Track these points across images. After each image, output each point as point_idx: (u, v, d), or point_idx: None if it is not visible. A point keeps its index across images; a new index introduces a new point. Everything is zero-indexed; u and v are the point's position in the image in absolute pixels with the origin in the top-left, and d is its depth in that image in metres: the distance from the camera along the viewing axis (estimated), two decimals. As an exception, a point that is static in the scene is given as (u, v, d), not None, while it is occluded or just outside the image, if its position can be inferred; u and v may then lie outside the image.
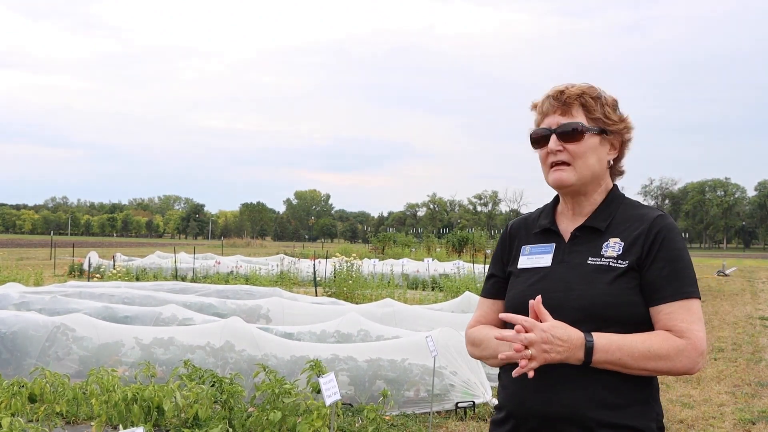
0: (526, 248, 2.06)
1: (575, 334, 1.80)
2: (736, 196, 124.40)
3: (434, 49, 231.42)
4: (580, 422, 1.81)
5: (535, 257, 2.02)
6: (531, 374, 1.76)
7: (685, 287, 1.85)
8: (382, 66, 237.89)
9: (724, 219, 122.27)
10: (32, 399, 5.03)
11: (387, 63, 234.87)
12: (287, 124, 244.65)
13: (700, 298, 1.89)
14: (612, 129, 1.98)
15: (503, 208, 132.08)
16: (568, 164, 1.96)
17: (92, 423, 5.41)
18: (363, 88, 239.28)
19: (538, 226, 2.07)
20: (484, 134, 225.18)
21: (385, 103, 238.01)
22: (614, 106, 2.01)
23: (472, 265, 21.94)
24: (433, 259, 24.61)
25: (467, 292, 11.47)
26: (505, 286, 2.08)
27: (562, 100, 1.98)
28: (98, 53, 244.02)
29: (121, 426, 5.28)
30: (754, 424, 6.36)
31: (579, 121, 1.96)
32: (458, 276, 19.08)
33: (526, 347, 1.75)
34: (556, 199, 2.10)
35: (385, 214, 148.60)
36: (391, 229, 74.61)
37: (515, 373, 1.78)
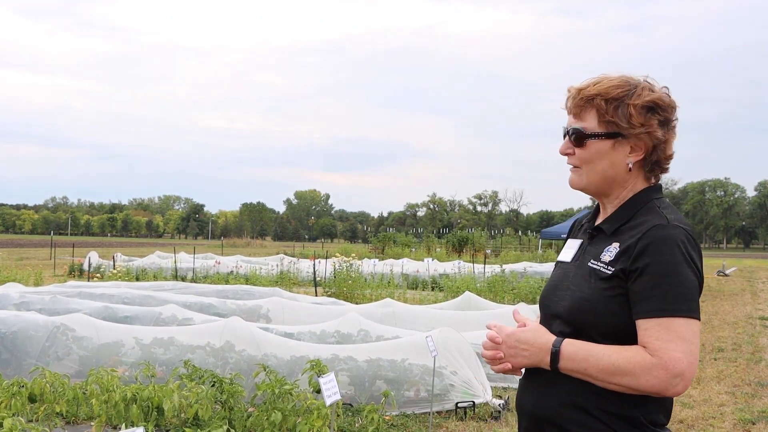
0: (568, 242, 2.09)
1: (543, 339, 1.84)
2: (736, 196, 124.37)
3: (434, 49, 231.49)
4: (559, 425, 1.83)
5: (566, 251, 2.04)
6: (509, 367, 1.90)
7: (666, 305, 1.73)
8: (382, 66, 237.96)
9: (724, 219, 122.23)
10: (32, 399, 5.04)
11: (387, 63, 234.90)
12: (287, 124, 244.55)
13: (692, 317, 1.74)
14: (630, 132, 1.86)
15: (503, 208, 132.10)
16: (578, 167, 1.95)
17: (92, 423, 5.42)
18: (363, 88, 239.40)
19: (584, 222, 2.10)
20: (484, 134, 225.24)
21: (385, 103, 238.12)
22: (646, 107, 1.86)
23: (472, 265, 21.95)
24: (433, 259, 24.61)
25: (467, 292, 11.47)
26: None
27: (575, 101, 1.93)
28: (98, 53, 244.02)
29: (121, 426, 5.28)
30: (754, 424, 6.36)
31: (586, 125, 1.90)
32: (458, 276, 19.09)
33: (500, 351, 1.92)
34: None
35: (385, 214, 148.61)
36: (391, 229, 74.64)
37: (493, 368, 1.95)
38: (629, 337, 1.79)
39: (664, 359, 1.71)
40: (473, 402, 6.33)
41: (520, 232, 73.51)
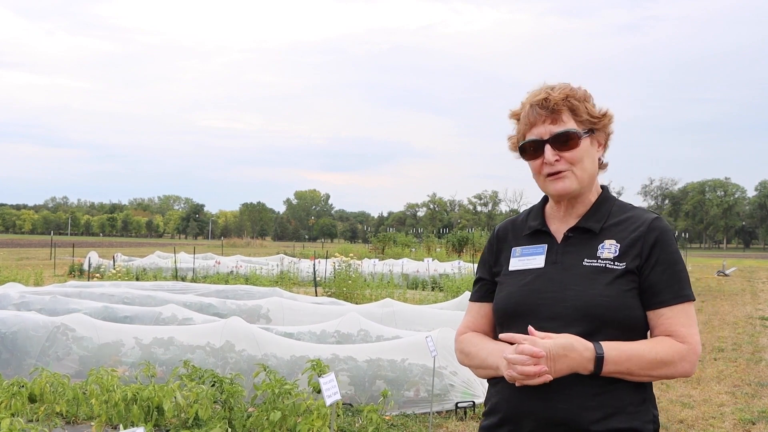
0: (516, 250, 2.01)
1: (580, 345, 1.78)
2: (736, 196, 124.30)
3: (434, 49, 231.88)
4: (576, 426, 1.80)
5: (527, 258, 1.98)
6: (549, 379, 1.77)
7: (683, 291, 1.87)
8: (382, 66, 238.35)
9: (724, 219, 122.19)
10: (32, 399, 5.04)
11: (387, 63, 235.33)
12: (287, 124, 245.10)
13: (694, 300, 1.92)
14: (597, 126, 1.95)
15: (503, 208, 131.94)
16: (566, 172, 1.91)
17: (92, 423, 5.42)
18: (363, 88, 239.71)
19: (528, 228, 2.03)
20: (485, 134, 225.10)
21: (385, 103, 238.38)
22: (592, 100, 1.97)
23: (472, 265, 21.94)
24: (433, 259, 24.60)
25: (467, 292, 11.46)
26: (493, 289, 2.05)
27: (549, 108, 1.90)
28: (98, 53, 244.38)
29: (121, 426, 5.28)
30: (754, 424, 6.36)
31: (570, 126, 1.90)
32: (458, 276, 19.09)
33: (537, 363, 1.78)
34: (545, 200, 2.06)
35: (385, 214, 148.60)
36: (391, 229, 74.55)
37: (526, 383, 1.79)
38: (640, 328, 1.88)
39: (692, 344, 1.84)
40: (473, 402, 6.33)
41: (520, 232, 73.24)
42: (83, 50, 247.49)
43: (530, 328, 1.83)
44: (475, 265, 21.70)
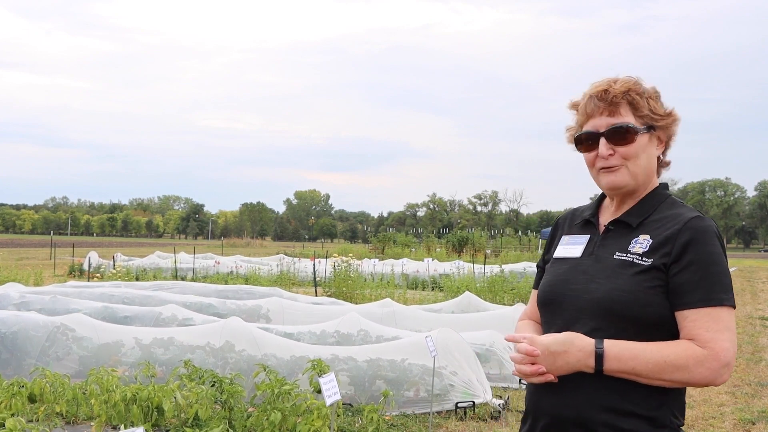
0: (564, 238, 2.05)
1: (580, 342, 1.78)
2: (736, 196, 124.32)
3: (434, 49, 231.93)
4: (585, 425, 1.80)
5: (570, 247, 2.00)
6: (551, 379, 1.82)
7: (714, 294, 1.76)
8: (382, 65, 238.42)
9: (724, 219, 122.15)
10: (32, 399, 5.04)
11: (387, 62, 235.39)
12: (287, 124, 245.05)
13: (733, 307, 1.78)
14: (659, 124, 1.91)
15: (503, 208, 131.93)
16: (619, 166, 1.89)
17: (92, 423, 5.41)
18: (363, 88, 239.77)
19: (581, 218, 2.05)
20: (484, 134, 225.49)
21: (384, 103, 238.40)
22: (658, 98, 1.93)
23: (472, 265, 21.93)
24: (433, 259, 24.61)
25: (467, 292, 11.47)
26: None
27: (608, 100, 1.89)
28: (98, 53, 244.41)
29: (121, 426, 5.28)
30: (754, 424, 6.36)
31: (628, 121, 1.88)
32: (458, 276, 19.08)
33: (534, 363, 1.83)
34: (604, 193, 2.07)
35: (385, 214, 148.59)
36: (391, 229, 74.57)
37: (529, 381, 1.87)
38: (665, 328, 1.80)
39: (715, 350, 1.72)
40: (473, 402, 6.32)
41: (520, 232, 73.43)
42: (83, 50, 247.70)
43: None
44: (475, 266, 21.76)
